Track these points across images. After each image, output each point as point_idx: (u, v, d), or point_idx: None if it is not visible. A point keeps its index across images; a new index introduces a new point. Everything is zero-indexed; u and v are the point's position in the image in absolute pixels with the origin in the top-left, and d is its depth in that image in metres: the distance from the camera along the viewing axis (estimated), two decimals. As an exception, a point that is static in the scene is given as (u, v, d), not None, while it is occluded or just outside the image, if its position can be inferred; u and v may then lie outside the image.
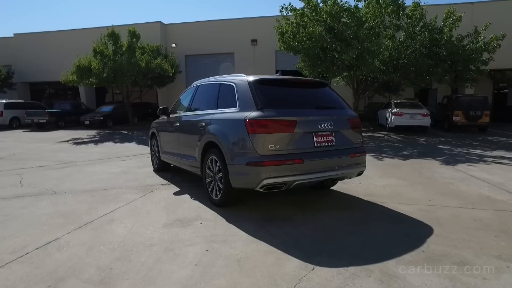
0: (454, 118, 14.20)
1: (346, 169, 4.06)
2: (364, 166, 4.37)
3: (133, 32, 17.26)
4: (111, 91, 25.72)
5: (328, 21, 11.64)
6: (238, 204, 4.27)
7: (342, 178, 4.33)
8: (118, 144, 11.30)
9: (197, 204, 4.42)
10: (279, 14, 12.96)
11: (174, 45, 23.33)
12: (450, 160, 7.78)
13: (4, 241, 3.24)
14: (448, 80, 14.75)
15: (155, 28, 22.68)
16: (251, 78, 4.10)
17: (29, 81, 24.91)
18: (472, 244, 3.09)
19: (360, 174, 4.35)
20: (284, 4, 13.21)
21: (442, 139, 12.25)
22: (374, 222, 3.72)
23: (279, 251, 2.98)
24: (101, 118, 17.38)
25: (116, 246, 3.10)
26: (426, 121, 13.82)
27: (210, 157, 4.24)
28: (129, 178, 6.04)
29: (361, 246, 3.10)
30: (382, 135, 13.50)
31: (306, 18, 12.35)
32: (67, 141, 12.42)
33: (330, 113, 4.04)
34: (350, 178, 4.36)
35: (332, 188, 5.13)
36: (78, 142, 12.13)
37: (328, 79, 13.66)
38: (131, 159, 8.13)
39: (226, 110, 4.17)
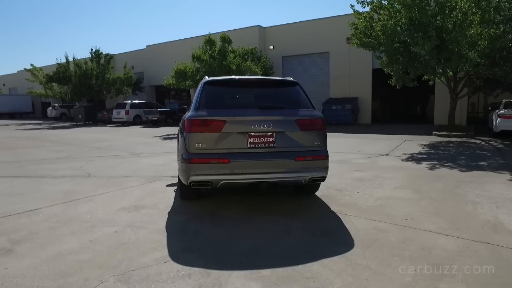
0: None
1: (289, 173, 3.82)
2: (322, 172, 3.98)
3: (224, 38, 18.81)
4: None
5: (403, 11, 10.32)
6: (204, 199, 4.55)
7: (289, 183, 4.07)
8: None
9: (171, 195, 4.85)
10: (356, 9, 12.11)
11: (271, 47, 24.30)
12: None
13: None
14: None
15: (253, 32, 24.07)
16: (207, 79, 4.28)
17: (155, 85, 29.83)
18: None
19: (316, 180, 3.99)
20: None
21: None
22: (299, 233, 3.44)
23: (164, 242, 3.16)
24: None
25: (63, 218, 3.81)
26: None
27: None
28: (157, 169, 6.91)
29: (246, 252, 2.98)
30: (479, 141, 11.16)
31: (384, 10, 11.22)
32: (160, 136, 14.58)
33: (271, 114, 3.87)
34: (304, 183, 4.03)
35: (317, 193, 4.83)
36: (167, 137, 14.10)
37: (411, 77, 12.06)
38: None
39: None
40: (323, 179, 4.05)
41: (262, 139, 3.78)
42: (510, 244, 3.06)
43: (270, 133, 3.79)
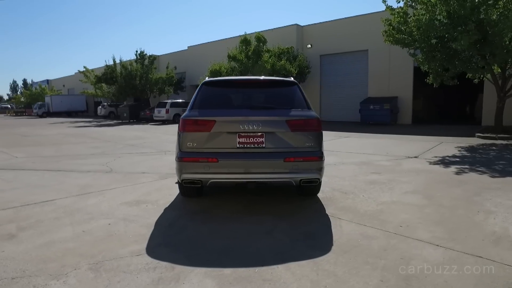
0: None
1: (278, 174, 3.80)
2: (315, 173, 3.89)
3: (259, 37, 18.93)
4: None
5: (439, 5, 9.65)
6: (205, 196, 4.69)
7: (279, 184, 4.03)
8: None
9: (175, 192, 5.04)
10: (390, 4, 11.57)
11: (309, 45, 23.95)
12: None
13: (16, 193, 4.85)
14: None
15: (291, 31, 23.87)
16: (206, 79, 4.39)
17: (195, 84, 30.78)
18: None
19: (308, 182, 3.92)
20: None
21: None
22: (280, 235, 3.41)
23: (147, 236, 3.32)
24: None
25: (70, 209, 4.15)
26: None
27: None
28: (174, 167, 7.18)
29: (219, 250, 3.04)
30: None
31: (421, 4, 10.57)
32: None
33: (261, 114, 3.86)
34: (295, 185, 3.96)
35: (320, 195, 4.75)
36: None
37: (450, 75, 11.23)
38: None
39: None
40: (316, 181, 3.96)
41: (251, 139, 3.79)
42: (506, 259, 2.78)
43: (259, 134, 3.79)
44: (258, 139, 3.80)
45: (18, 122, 27.62)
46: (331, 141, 11.57)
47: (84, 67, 27.95)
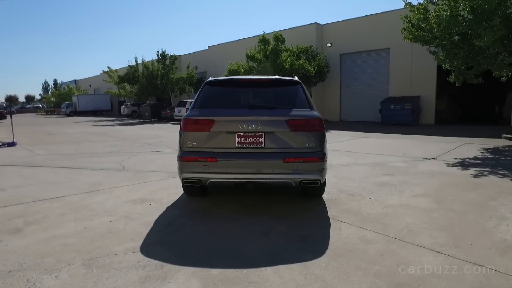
0: None
1: (277, 175, 3.75)
2: (315, 174, 3.80)
3: (277, 37, 18.83)
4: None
5: (462, 0, 9.22)
6: (208, 196, 4.73)
7: (278, 185, 3.97)
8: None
9: (180, 191, 5.08)
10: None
11: (329, 44, 23.60)
12: None
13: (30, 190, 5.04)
14: None
15: (311, 30, 23.59)
16: (210, 79, 4.41)
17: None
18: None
19: (308, 183, 3.83)
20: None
21: None
22: (276, 236, 3.37)
23: (144, 233, 3.36)
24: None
25: (76, 206, 4.28)
26: None
27: None
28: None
29: (211, 250, 3.03)
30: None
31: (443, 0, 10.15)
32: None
33: (261, 113, 3.81)
34: (295, 186, 3.89)
35: (325, 197, 4.67)
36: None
37: (474, 73, 10.72)
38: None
39: None
40: (317, 182, 3.87)
41: (250, 139, 3.77)
42: (510, 269, 2.62)
43: (259, 133, 3.76)
44: (257, 139, 3.77)
45: (47, 121, 28.88)
46: (348, 141, 11.35)
47: (108, 67, 28.87)
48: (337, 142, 11.14)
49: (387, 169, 6.65)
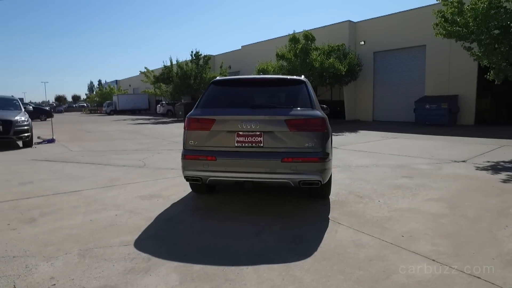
0: None
1: (275, 174, 3.74)
2: (315, 175, 3.73)
3: (307, 35, 18.60)
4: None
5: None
6: (214, 193, 4.83)
7: (277, 184, 3.95)
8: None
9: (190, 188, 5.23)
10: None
11: (362, 42, 22.93)
12: None
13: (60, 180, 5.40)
14: None
15: (343, 28, 23.04)
16: (216, 78, 4.50)
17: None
18: None
19: (308, 184, 3.78)
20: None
21: None
22: (267, 236, 3.37)
23: (143, 228, 3.51)
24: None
25: (90, 199, 4.55)
26: None
27: None
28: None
29: (200, 247, 3.10)
30: None
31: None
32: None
33: (260, 113, 3.81)
34: (294, 186, 3.83)
35: (333, 197, 4.60)
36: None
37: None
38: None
39: None
40: (317, 183, 3.80)
41: (249, 138, 3.79)
42: (510, 283, 2.42)
43: (258, 133, 3.77)
44: (257, 138, 3.78)
45: (88, 119, 30.75)
46: (375, 142, 10.98)
47: (145, 67, 30.11)
48: (364, 142, 10.82)
49: (408, 171, 6.37)
